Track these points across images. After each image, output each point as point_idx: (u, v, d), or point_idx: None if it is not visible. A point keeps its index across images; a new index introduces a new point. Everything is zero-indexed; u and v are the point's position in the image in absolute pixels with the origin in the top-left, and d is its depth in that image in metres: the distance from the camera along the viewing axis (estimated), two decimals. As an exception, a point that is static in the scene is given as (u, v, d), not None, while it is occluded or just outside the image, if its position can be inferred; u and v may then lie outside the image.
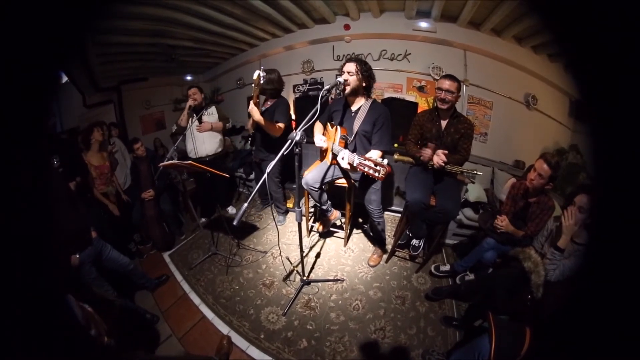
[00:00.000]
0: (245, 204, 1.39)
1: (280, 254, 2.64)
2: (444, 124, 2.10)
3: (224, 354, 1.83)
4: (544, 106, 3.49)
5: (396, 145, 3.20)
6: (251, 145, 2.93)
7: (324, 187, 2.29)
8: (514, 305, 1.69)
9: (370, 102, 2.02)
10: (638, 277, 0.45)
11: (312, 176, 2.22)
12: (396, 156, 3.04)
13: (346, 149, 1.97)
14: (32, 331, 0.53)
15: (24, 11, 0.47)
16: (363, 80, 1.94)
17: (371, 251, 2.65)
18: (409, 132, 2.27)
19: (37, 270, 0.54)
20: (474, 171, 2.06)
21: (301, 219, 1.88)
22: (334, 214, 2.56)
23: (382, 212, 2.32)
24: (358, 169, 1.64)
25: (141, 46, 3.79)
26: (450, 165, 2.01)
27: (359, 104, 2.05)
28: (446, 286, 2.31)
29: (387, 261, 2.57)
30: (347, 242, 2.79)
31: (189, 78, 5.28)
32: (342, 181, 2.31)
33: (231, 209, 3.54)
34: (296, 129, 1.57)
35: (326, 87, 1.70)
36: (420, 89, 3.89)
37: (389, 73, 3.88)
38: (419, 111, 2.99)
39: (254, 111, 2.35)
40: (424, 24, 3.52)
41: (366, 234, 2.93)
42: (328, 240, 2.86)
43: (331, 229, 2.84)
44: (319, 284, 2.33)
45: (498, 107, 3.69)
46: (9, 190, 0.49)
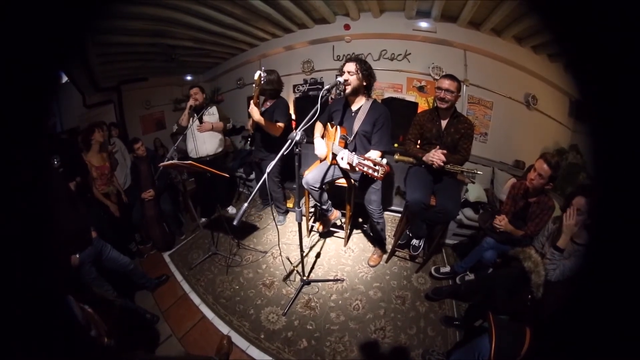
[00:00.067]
0: (246, 204, 1.39)
1: (280, 254, 2.64)
2: (444, 123, 2.10)
3: (224, 354, 1.83)
4: (544, 106, 3.49)
5: (396, 145, 3.20)
6: (250, 145, 2.93)
7: (324, 187, 2.29)
8: (514, 305, 1.69)
9: (370, 102, 2.02)
10: (638, 277, 0.45)
11: (313, 176, 2.22)
12: (396, 156, 3.04)
13: (346, 148, 1.97)
14: (32, 331, 0.53)
15: (24, 11, 0.47)
16: (363, 80, 1.94)
17: (371, 251, 2.65)
18: (409, 132, 2.27)
19: (37, 270, 0.54)
20: (474, 171, 2.06)
21: (301, 219, 1.88)
22: (334, 214, 2.56)
23: (382, 212, 2.32)
24: (357, 169, 1.64)
25: (141, 46, 3.79)
26: (450, 165, 2.01)
27: (359, 103, 2.05)
28: (446, 286, 2.31)
29: (387, 261, 2.57)
30: (347, 242, 2.79)
31: (189, 78, 5.29)
32: (342, 181, 2.31)
33: (231, 209, 3.54)
34: (296, 129, 1.57)
35: (326, 87, 1.70)
36: (421, 89, 3.89)
37: (389, 73, 3.89)
38: (419, 111, 2.99)
39: (254, 111, 2.36)
40: (424, 24, 3.52)
41: (366, 234, 2.93)
42: (328, 240, 2.86)
43: (331, 229, 2.84)
44: (319, 283, 2.33)
45: (498, 107, 3.69)
46: (9, 190, 0.49)
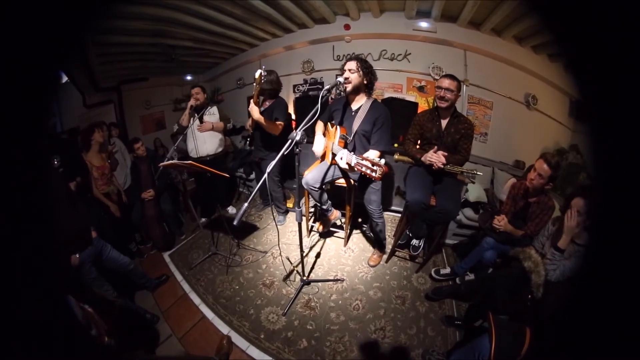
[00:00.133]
0: (246, 204, 1.39)
1: (280, 254, 2.64)
2: (444, 123, 2.10)
3: (224, 354, 1.83)
4: (544, 106, 3.49)
5: (396, 145, 3.21)
6: (250, 145, 2.94)
7: (324, 187, 2.29)
8: (514, 305, 1.69)
9: (371, 101, 2.02)
10: (638, 277, 0.45)
11: (312, 176, 2.21)
12: (396, 156, 3.04)
13: (345, 148, 1.97)
14: (32, 331, 0.53)
15: (24, 11, 0.47)
16: (364, 78, 1.94)
17: (371, 251, 2.65)
18: (409, 132, 2.27)
19: (37, 270, 0.54)
20: (474, 171, 2.06)
21: (301, 219, 1.88)
22: (334, 214, 2.56)
23: (382, 212, 2.31)
24: (356, 169, 1.64)
25: (141, 46, 3.79)
26: (450, 165, 2.01)
27: (359, 102, 2.04)
28: (446, 286, 2.31)
29: (387, 261, 2.57)
30: (347, 242, 2.79)
31: (189, 78, 5.28)
32: (342, 181, 2.31)
33: (231, 209, 3.54)
34: (296, 129, 1.57)
35: (326, 87, 1.69)
36: (421, 89, 3.89)
37: (389, 73, 3.88)
38: (419, 111, 2.99)
39: (253, 110, 2.37)
40: (424, 24, 3.52)
41: (366, 234, 2.93)
42: (328, 240, 2.86)
43: (331, 229, 2.84)
44: (319, 283, 2.33)
45: (498, 107, 3.69)
46: (9, 190, 0.49)
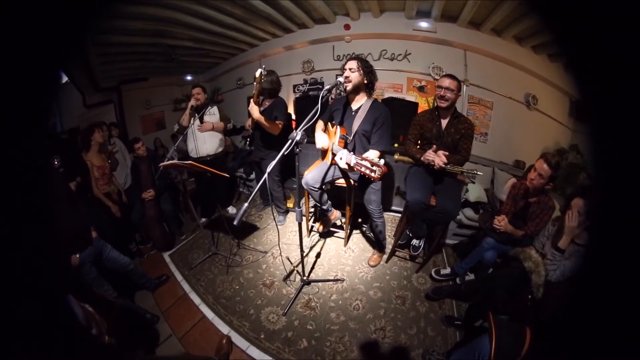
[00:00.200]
0: (246, 204, 1.39)
1: (280, 254, 2.64)
2: (444, 123, 2.10)
3: (224, 354, 1.83)
4: (544, 106, 3.49)
5: (396, 145, 3.21)
6: (250, 145, 2.94)
7: (324, 187, 2.29)
8: (515, 305, 1.69)
9: (371, 101, 2.02)
10: (638, 277, 0.45)
11: (312, 176, 2.21)
12: (396, 156, 3.04)
13: (345, 148, 1.97)
14: (32, 331, 0.53)
15: (24, 11, 0.47)
16: (365, 77, 1.94)
17: (371, 251, 2.65)
18: (409, 132, 2.27)
19: (37, 270, 0.54)
20: (474, 171, 2.06)
21: (301, 219, 1.88)
22: (334, 214, 2.56)
23: (382, 212, 2.31)
24: (355, 169, 1.64)
25: (141, 46, 3.79)
26: (450, 165, 2.01)
27: (360, 102, 2.04)
28: (446, 286, 2.31)
29: (387, 261, 2.57)
30: (347, 242, 2.79)
31: (189, 78, 5.29)
32: (342, 181, 2.31)
33: (231, 209, 3.54)
34: (296, 129, 1.57)
35: (327, 87, 1.70)
36: (421, 89, 3.89)
37: (389, 73, 3.89)
38: (419, 111, 2.99)
39: (253, 109, 2.37)
40: (424, 24, 3.52)
41: (366, 234, 2.93)
42: (328, 240, 2.86)
43: (331, 229, 2.84)
44: (319, 284, 2.33)
45: (498, 107, 3.69)
46: (9, 190, 0.49)
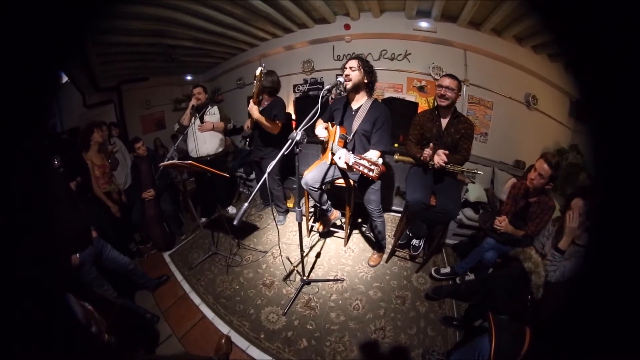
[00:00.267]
0: (246, 204, 1.39)
1: (280, 253, 2.64)
2: (444, 123, 2.10)
3: (223, 354, 1.82)
4: (544, 106, 3.49)
5: (396, 145, 3.21)
6: (249, 145, 2.94)
7: (324, 187, 2.29)
8: (514, 306, 1.69)
9: (371, 101, 2.02)
10: (638, 277, 0.45)
11: (312, 176, 2.21)
12: (396, 156, 3.04)
13: (345, 148, 1.97)
14: (32, 331, 0.53)
15: (24, 11, 0.47)
16: (365, 77, 1.94)
17: (371, 251, 2.65)
18: (409, 132, 2.26)
19: (37, 270, 0.54)
20: (475, 171, 2.06)
21: (301, 219, 1.88)
22: (334, 214, 2.56)
23: (382, 212, 2.31)
24: (354, 168, 1.64)
25: (141, 46, 3.79)
26: (450, 165, 2.01)
27: (360, 102, 2.04)
28: (446, 285, 2.31)
29: (387, 261, 2.57)
30: (347, 242, 2.79)
31: (189, 78, 5.29)
32: (342, 181, 2.31)
33: (231, 209, 3.54)
34: (296, 128, 1.57)
35: (327, 87, 1.70)
36: (421, 88, 3.89)
37: (389, 73, 3.88)
38: (419, 111, 2.99)
39: (253, 109, 2.37)
40: (424, 24, 3.52)
41: (366, 234, 2.93)
42: (328, 240, 2.86)
43: (331, 228, 2.84)
44: (319, 283, 2.33)
45: (498, 107, 3.69)
46: (9, 190, 0.49)
